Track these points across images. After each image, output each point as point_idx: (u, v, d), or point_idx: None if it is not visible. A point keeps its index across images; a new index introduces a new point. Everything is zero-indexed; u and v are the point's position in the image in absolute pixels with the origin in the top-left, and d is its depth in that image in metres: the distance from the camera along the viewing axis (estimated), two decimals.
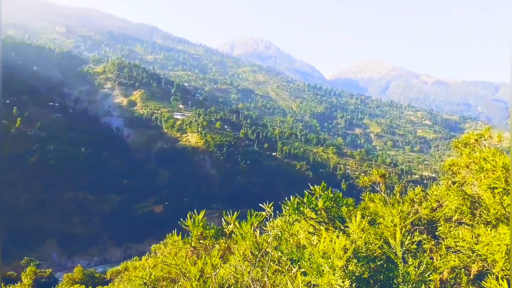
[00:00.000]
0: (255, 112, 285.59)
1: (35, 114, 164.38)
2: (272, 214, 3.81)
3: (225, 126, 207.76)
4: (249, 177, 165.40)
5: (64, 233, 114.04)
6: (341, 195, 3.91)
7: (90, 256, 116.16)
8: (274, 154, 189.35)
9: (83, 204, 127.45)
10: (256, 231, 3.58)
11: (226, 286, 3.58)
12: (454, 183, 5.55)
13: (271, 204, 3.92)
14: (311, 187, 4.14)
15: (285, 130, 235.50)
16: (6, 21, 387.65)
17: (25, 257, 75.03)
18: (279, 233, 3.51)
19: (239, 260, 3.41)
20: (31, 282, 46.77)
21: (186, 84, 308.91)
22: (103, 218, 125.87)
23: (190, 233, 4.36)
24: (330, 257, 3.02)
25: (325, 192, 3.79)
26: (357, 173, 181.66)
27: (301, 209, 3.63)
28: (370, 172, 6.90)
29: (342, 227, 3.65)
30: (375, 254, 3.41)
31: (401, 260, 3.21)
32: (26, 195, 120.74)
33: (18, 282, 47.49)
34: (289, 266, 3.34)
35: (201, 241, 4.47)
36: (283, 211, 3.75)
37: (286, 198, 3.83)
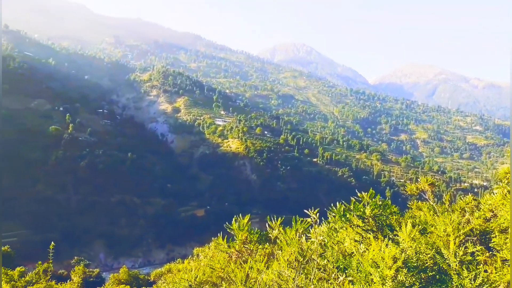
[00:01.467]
0: (296, 118, 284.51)
1: (85, 121, 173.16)
2: (318, 220, 3.74)
3: (265, 132, 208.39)
4: (289, 183, 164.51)
5: (111, 235, 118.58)
6: (389, 202, 3.77)
7: (134, 258, 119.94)
8: (315, 160, 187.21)
9: (129, 206, 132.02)
10: (301, 237, 3.53)
11: None
12: (510, 192, 5.20)
13: (316, 210, 3.86)
14: (359, 194, 4.03)
15: (326, 136, 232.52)
16: (61, 33, 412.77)
17: (75, 257, 78.66)
18: (325, 240, 3.44)
19: (283, 266, 3.39)
20: (80, 281, 49.01)
21: (227, 91, 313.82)
22: (147, 221, 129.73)
23: (234, 237, 4.38)
24: (379, 266, 2.91)
25: (373, 199, 3.67)
26: (402, 180, 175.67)
27: (348, 216, 3.53)
28: (418, 180, 6.64)
29: (391, 236, 3.50)
30: (426, 265, 3.25)
31: (455, 272, 3.03)
32: (77, 197, 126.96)
33: (68, 281, 49.98)
34: (335, 274, 3.26)
35: (246, 245, 4.48)
36: (329, 218, 3.67)
37: (332, 205, 3.76)
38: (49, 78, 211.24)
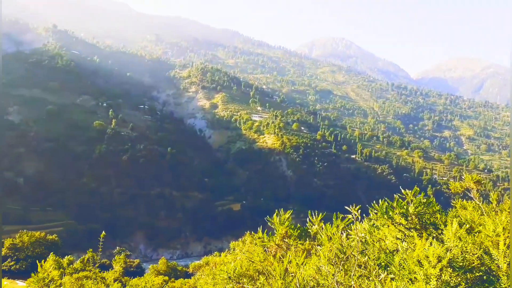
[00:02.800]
0: (334, 113, 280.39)
1: (127, 116, 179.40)
2: (359, 217, 3.70)
3: (302, 128, 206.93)
4: (326, 179, 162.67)
5: (151, 227, 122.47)
6: (434, 200, 3.65)
7: (173, 250, 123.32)
8: (353, 156, 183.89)
9: (168, 200, 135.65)
10: (342, 234, 3.50)
11: (307, 287, 3.56)
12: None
13: (357, 207, 3.81)
14: (403, 191, 3.94)
15: (365, 132, 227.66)
16: (105, 32, 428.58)
17: (117, 247, 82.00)
18: (366, 237, 3.39)
19: (323, 262, 3.37)
20: (121, 270, 51.10)
21: (264, 87, 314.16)
22: (185, 214, 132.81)
23: (274, 231, 4.42)
24: (423, 265, 2.84)
25: (417, 197, 3.57)
26: (445, 178, 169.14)
27: (390, 213, 3.45)
28: (462, 178, 6.38)
29: (435, 234, 3.40)
30: (473, 265, 3.13)
31: (504, 273, 2.90)
32: (119, 190, 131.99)
33: (110, 269, 52.23)
34: (376, 271, 3.22)
35: (285, 240, 4.51)
36: (370, 215, 3.61)
37: (372, 202, 3.70)
38: (94, 75, 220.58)
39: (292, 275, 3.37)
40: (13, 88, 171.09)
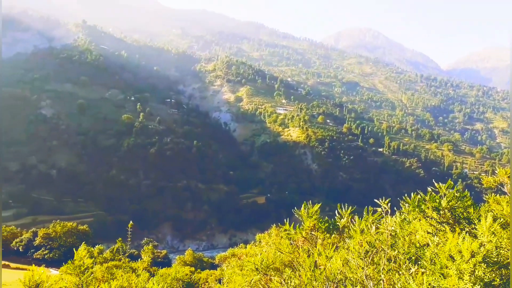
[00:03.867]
0: (360, 106, 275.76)
1: (155, 110, 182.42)
2: (389, 210, 3.63)
3: (328, 120, 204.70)
4: (352, 173, 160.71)
5: (177, 218, 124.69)
6: (468, 193, 3.53)
7: (199, 241, 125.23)
8: (381, 150, 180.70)
9: (194, 192, 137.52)
10: (371, 227, 3.45)
11: (335, 280, 3.55)
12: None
13: (387, 200, 3.75)
14: (436, 184, 3.84)
15: (393, 125, 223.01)
16: (133, 26, 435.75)
17: (145, 238, 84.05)
18: (396, 230, 3.34)
19: (352, 255, 3.35)
20: (149, 260, 52.38)
21: (289, 79, 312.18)
22: (211, 206, 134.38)
23: (301, 224, 4.41)
24: (455, 260, 2.77)
25: (450, 191, 3.46)
26: (477, 173, 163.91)
27: (422, 207, 3.37)
28: (495, 172, 6.16)
29: (469, 229, 3.29)
30: (507, 260, 3.02)
31: None
32: (147, 182, 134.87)
33: (139, 259, 53.63)
34: (406, 265, 3.16)
35: (313, 233, 4.50)
36: (401, 208, 3.54)
37: (404, 196, 3.62)
38: (121, 69, 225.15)
39: (320, 268, 3.36)
40: (45, 83, 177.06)
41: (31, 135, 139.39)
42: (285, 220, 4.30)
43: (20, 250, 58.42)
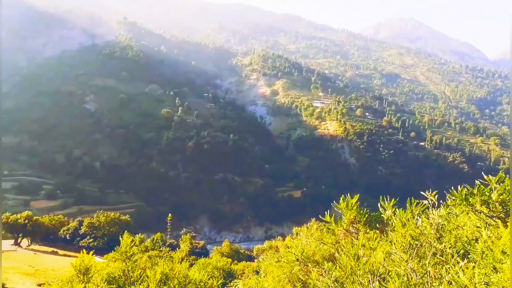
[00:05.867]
0: (401, 98, 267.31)
1: (192, 104, 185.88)
2: (436, 203, 3.51)
3: (366, 114, 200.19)
4: (392, 167, 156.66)
5: (214, 210, 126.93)
6: None
7: (235, 233, 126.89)
8: (422, 144, 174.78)
9: (231, 185, 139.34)
10: (416, 220, 3.36)
11: (377, 273, 3.49)
12: None
13: (434, 192, 3.63)
14: (485, 177, 3.68)
15: (435, 118, 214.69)
16: (171, 22, 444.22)
17: (184, 229, 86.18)
18: (443, 224, 3.23)
19: (396, 248, 3.28)
20: (188, 249, 53.69)
21: (326, 72, 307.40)
22: (247, 199, 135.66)
23: (341, 217, 4.38)
24: (509, 254, 2.66)
25: (501, 184, 3.30)
26: None
27: (471, 200, 3.23)
28: None
29: None
30: None
31: None
32: (185, 174, 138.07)
33: (177, 249, 55.10)
34: (455, 259, 3.06)
35: (354, 225, 4.45)
36: (448, 201, 3.41)
37: (450, 188, 3.50)
38: (161, 65, 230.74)
39: (364, 259, 3.32)
40: (89, 78, 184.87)
41: (76, 129, 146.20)
42: (325, 212, 4.27)
43: (67, 238, 61.58)
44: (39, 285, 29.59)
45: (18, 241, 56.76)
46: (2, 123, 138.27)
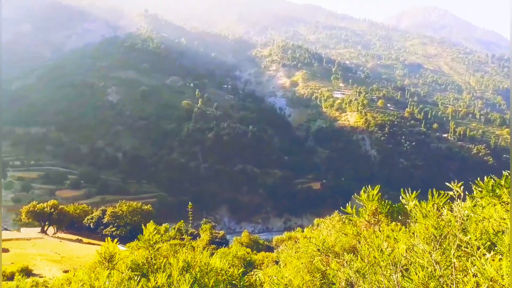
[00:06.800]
0: (424, 89, 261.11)
1: (212, 95, 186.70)
2: (462, 194, 3.44)
3: (388, 105, 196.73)
4: (414, 159, 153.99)
5: (234, 201, 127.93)
6: None
7: (254, 224, 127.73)
8: (445, 135, 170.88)
9: (250, 176, 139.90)
10: (440, 211, 3.31)
11: (400, 265, 3.47)
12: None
13: (460, 183, 3.57)
14: None
15: (459, 109, 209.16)
16: (191, 14, 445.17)
17: (204, 219, 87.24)
18: (468, 215, 3.16)
19: (419, 240, 3.25)
20: (208, 238, 54.36)
21: (347, 62, 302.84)
22: (266, 190, 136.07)
23: (363, 208, 4.35)
24: None
25: None
26: None
27: (498, 191, 3.15)
28: None
29: None
30: None
31: None
32: (205, 165, 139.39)
33: (197, 238, 55.87)
34: (481, 251, 3.01)
35: (375, 217, 4.42)
36: (474, 193, 3.34)
37: (476, 179, 3.42)
38: (181, 57, 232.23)
39: (388, 250, 3.31)
40: (111, 70, 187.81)
41: (99, 120, 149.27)
42: (347, 204, 4.25)
43: (91, 226, 63.29)
44: (65, 271, 30.57)
45: (45, 229, 58.67)
46: (29, 114, 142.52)
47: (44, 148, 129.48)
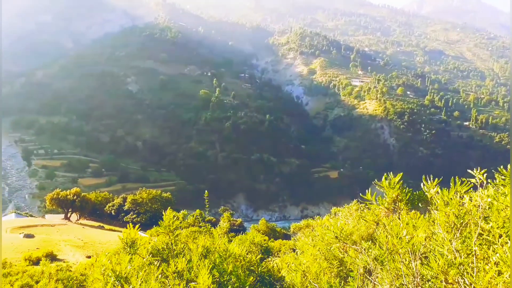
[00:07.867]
0: (445, 76, 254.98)
1: (229, 84, 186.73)
2: (484, 182, 3.38)
3: (408, 92, 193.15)
4: (434, 148, 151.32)
5: (251, 189, 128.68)
6: None
7: (271, 212, 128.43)
8: (466, 123, 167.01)
9: (267, 164, 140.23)
10: (461, 199, 3.27)
11: (419, 253, 3.46)
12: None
13: (484, 171, 3.51)
14: None
15: (482, 96, 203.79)
16: (209, 2, 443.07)
17: (222, 206, 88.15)
18: (491, 203, 3.12)
19: (439, 228, 3.22)
20: (228, 226, 55.05)
21: (366, 49, 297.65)
22: (283, 179, 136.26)
23: (384, 196, 4.33)
24: None
25: None
26: None
27: None
28: None
29: None
30: None
31: None
32: (222, 154, 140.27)
33: (216, 226, 56.63)
34: (503, 239, 2.97)
35: (397, 204, 4.40)
36: (496, 180, 3.28)
37: (500, 167, 3.36)
38: (199, 46, 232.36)
39: (407, 237, 3.30)
40: (130, 60, 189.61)
41: (119, 109, 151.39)
42: (366, 191, 4.25)
43: (112, 213, 64.71)
44: (87, 257, 31.50)
45: (68, 216, 60.34)
46: (52, 104, 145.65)
47: (66, 137, 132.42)
